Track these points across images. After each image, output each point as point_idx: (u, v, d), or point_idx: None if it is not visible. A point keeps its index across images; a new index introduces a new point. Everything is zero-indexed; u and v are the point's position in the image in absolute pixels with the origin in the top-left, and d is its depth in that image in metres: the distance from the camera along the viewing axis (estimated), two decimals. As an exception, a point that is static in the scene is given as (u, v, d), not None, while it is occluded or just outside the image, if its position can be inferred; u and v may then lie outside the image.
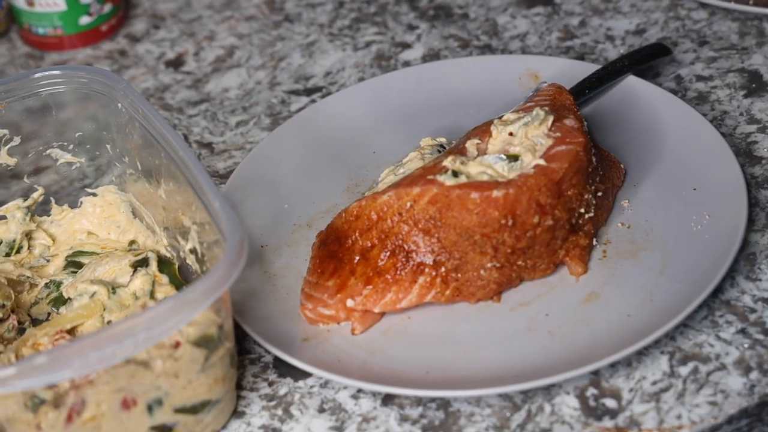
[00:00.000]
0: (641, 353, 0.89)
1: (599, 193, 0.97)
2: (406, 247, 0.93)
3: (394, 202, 0.93)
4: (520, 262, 0.93)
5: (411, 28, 1.31)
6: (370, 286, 0.92)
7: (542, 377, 0.85)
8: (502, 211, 0.91)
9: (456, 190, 0.92)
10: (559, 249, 0.94)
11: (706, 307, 0.92)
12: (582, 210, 0.95)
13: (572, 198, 0.94)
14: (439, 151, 1.02)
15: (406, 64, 1.25)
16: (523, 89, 1.14)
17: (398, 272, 0.92)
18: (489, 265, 0.92)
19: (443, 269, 0.92)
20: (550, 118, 0.98)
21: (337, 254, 0.94)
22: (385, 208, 0.93)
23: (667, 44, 1.19)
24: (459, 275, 0.92)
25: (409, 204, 0.93)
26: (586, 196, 0.95)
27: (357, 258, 0.93)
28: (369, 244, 0.93)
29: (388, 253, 0.93)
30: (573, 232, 0.94)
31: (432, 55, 1.26)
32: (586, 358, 0.86)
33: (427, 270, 0.92)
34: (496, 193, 0.91)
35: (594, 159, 0.97)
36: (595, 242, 0.97)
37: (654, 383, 0.87)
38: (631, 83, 1.11)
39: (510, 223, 0.91)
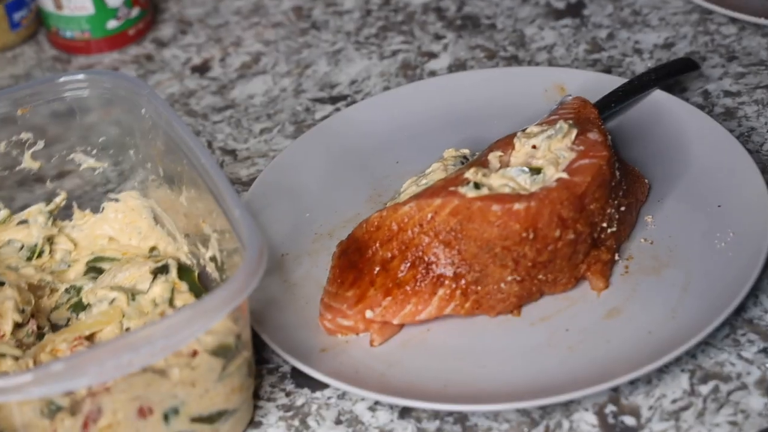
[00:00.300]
0: (661, 371, 0.88)
1: (622, 208, 0.96)
2: (426, 258, 0.92)
3: (415, 213, 0.93)
4: (540, 276, 0.92)
5: (438, 37, 1.31)
6: (390, 298, 0.92)
7: (561, 393, 0.84)
8: (523, 224, 0.91)
9: (477, 202, 0.91)
10: (580, 263, 0.93)
11: (729, 326, 0.91)
12: (604, 224, 0.94)
13: (594, 212, 0.93)
14: (462, 163, 1.01)
15: (432, 73, 1.25)
16: (548, 101, 1.13)
17: (418, 284, 0.92)
18: (509, 278, 0.92)
19: (463, 281, 0.92)
20: (574, 132, 0.97)
21: (357, 264, 0.94)
22: (406, 219, 0.93)
23: (695, 59, 1.18)
24: (479, 288, 0.92)
25: (430, 215, 0.92)
26: (608, 211, 0.95)
27: (377, 269, 0.93)
28: (389, 255, 0.93)
29: (409, 265, 0.92)
30: (595, 246, 0.94)
31: (458, 66, 1.26)
32: (606, 375, 0.85)
33: (447, 282, 0.92)
34: (518, 206, 0.91)
35: (617, 173, 0.96)
36: (617, 257, 0.96)
37: (674, 401, 0.86)
38: (658, 97, 1.10)
39: (531, 236, 0.91)
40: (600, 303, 0.93)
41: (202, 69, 1.31)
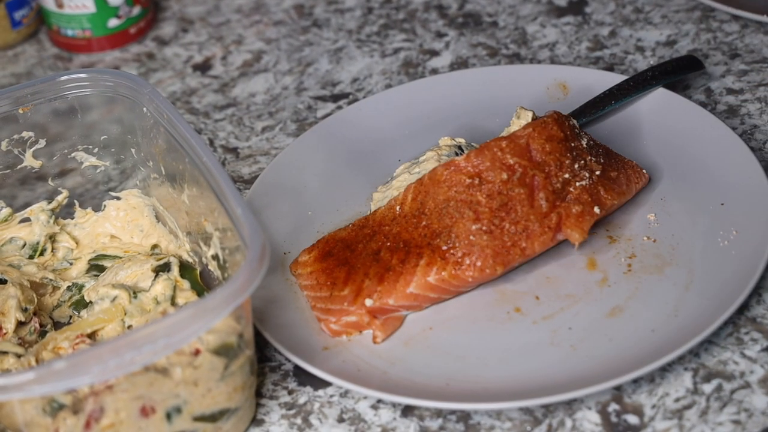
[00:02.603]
0: (665, 369, 0.88)
1: (597, 172, 0.97)
2: (404, 241, 0.95)
3: (386, 212, 0.98)
4: (506, 225, 0.93)
5: (439, 35, 1.31)
6: (384, 283, 0.93)
7: (564, 391, 0.84)
8: (467, 174, 0.95)
9: (426, 176, 0.96)
10: (549, 213, 0.94)
11: (732, 324, 0.91)
12: (567, 176, 0.95)
13: (549, 163, 0.95)
14: (457, 153, 1.02)
15: (434, 71, 1.25)
16: (551, 99, 1.13)
17: (403, 264, 0.94)
18: (474, 227, 0.94)
19: (439, 247, 0.94)
20: (529, 114, 1.01)
21: (349, 261, 0.96)
22: (381, 218, 0.97)
23: (697, 56, 1.18)
24: (454, 250, 0.93)
25: (398, 209, 0.97)
26: (573, 166, 0.96)
27: (369, 261, 0.95)
28: (376, 247, 0.96)
29: (393, 250, 0.95)
30: (561, 198, 0.94)
31: (460, 63, 1.25)
32: (609, 373, 0.86)
33: (425, 253, 0.94)
34: (458, 160, 0.96)
35: (584, 140, 0.99)
36: (618, 253, 0.96)
37: (677, 400, 0.86)
38: (661, 95, 1.10)
39: (477, 182, 0.94)
40: (602, 301, 0.93)
41: (203, 67, 1.31)
